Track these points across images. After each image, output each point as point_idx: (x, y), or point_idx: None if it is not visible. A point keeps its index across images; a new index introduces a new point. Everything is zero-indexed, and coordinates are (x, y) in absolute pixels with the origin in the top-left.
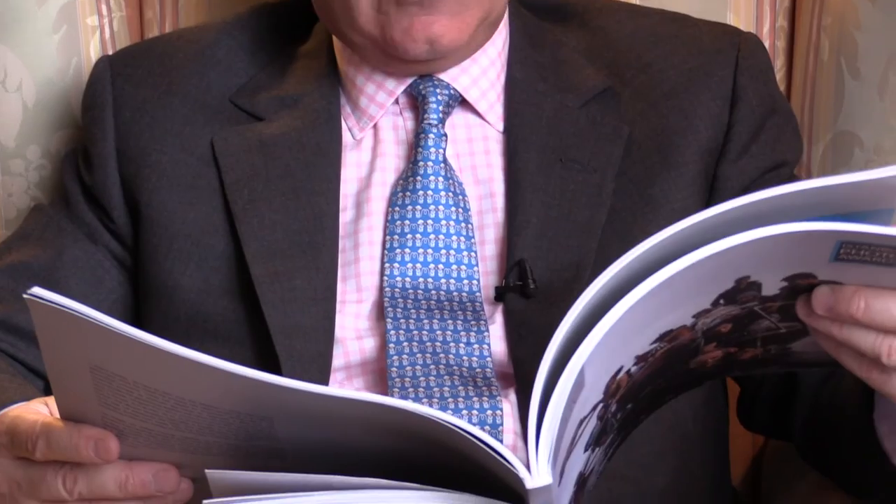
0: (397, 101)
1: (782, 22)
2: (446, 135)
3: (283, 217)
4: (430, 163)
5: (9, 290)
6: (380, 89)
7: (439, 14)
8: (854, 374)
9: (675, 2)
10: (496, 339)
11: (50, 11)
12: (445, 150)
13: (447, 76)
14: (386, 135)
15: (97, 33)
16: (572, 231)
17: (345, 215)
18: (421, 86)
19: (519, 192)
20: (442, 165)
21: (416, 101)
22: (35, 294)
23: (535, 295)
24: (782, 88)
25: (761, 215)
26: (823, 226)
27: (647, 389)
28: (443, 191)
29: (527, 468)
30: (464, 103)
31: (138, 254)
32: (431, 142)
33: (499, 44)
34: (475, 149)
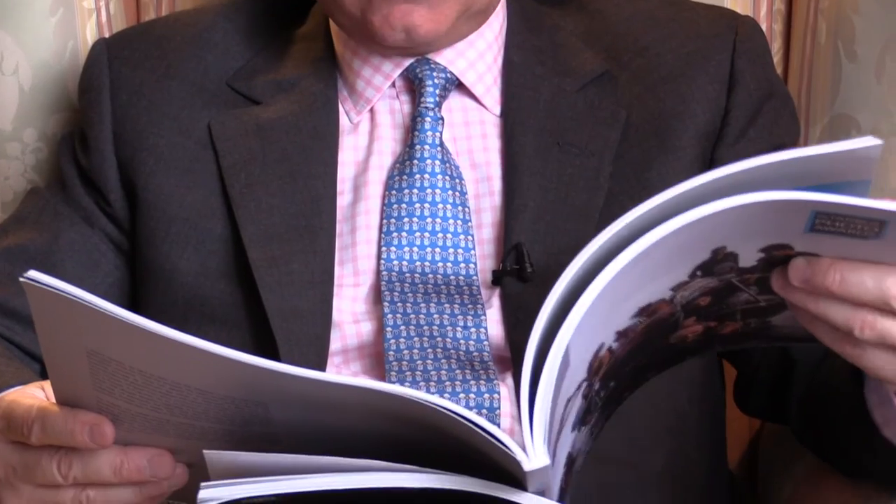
0: (394, 85)
1: (779, 5)
2: (443, 118)
3: (281, 201)
4: (427, 146)
5: (5, 274)
6: (376, 73)
7: (419, 4)
8: None
9: None
10: (493, 323)
11: None
12: (442, 134)
13: (444, 59)
14: (383, 118)
15: (94, 16)
16: (569, 215)
17: (342, 199)
18: (418, 69)
19: (516, 176)
20: (439, 149)
21: (413, 85)
22: (31, 278)
23: (532, 279)
24: (779, 71)
25: (739, 186)
26: (798, 195)
27: (630, 366)
28: (439, 174)
29: (523, 450)
30: (460, 87)
31: (135, 237)
32: (428, 125)
33: (496, 27)
34: (472, 132)
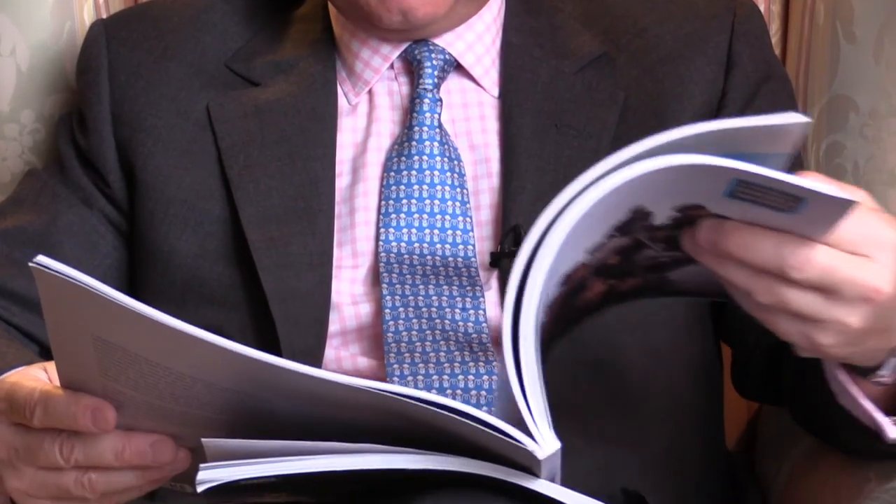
0: (392, 66)
1: None
2: (441, 100)
3: (279, 182)
4: (426, 128)
5: (3, 256)
6: (375, 54)
7: None
8: None
9: None
10: (492, 305)
11: None
12: (441, 116)
13: (442, 41)
14: (381, 100)
15: None
16: None
17: (340, 181)
18: (416, 51)
19: (514, 158)
20: (437, 130)
21: (412, 66)
22: (40, 263)
23: None
24: (777, 52)
25: (670, 152)
26: (726, 162)
27: (545, 337)
28: (438, 156)
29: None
30: (459, 68)
31: (134, 218)
32: (427, 107)
33: (494, 9)
34: (470, 114)
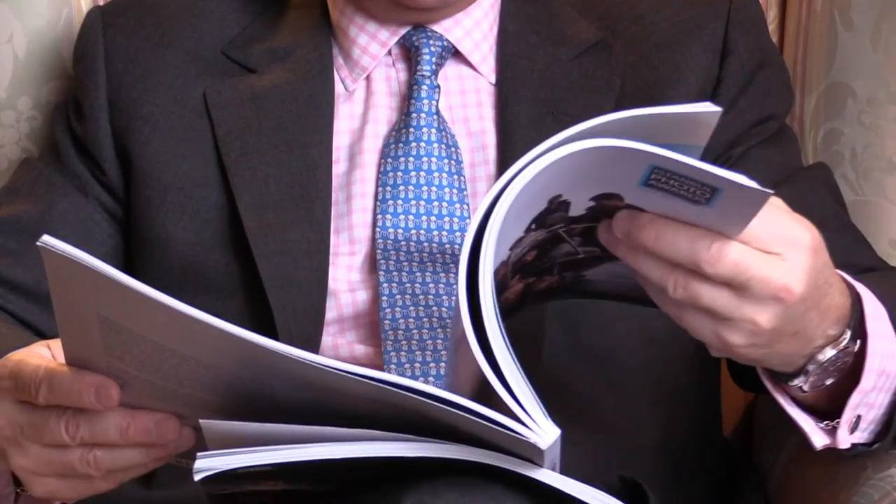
0: (390, 53)
1: None
2: (439, 86)
3: (276, 169)
4: (423, 114)
5: None
6: (372, 40)
7: None
8: None
9: None
10: None
11: None
12: (438, 102)
13: (440, 28)
14: (378, 86)
15: None
16: None
17: (337, 167)
18: (414, 37)
19: (511, 145)
20: (435, 117)
21: (409, 53)
22: (46, 242)
23: None
24: (775, 39)
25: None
26: (641, 146)
27: None
28: (435, 143)
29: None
30: (457, 55)
31: (130, 206)
32: (424, 93)
33: None
34: (468, 101)
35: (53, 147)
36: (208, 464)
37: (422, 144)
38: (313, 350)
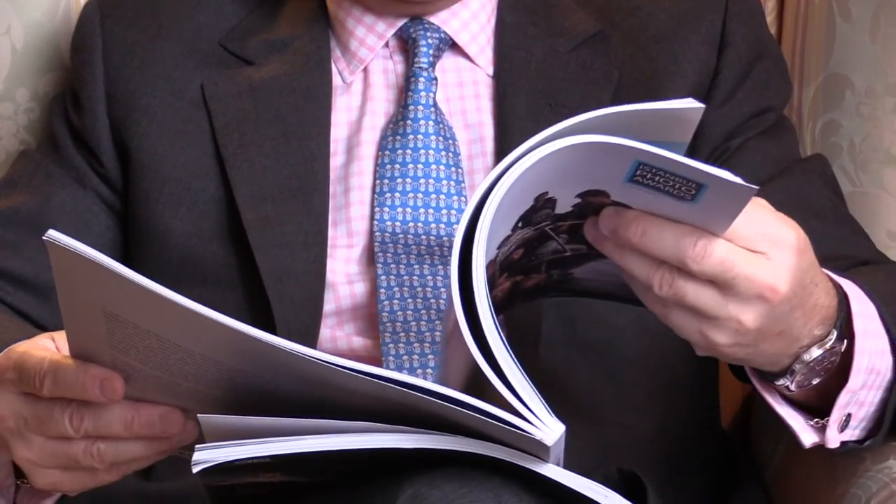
0: (387, 45)
1: None
2: (437, 78)
3: (274, 162)
4: (421, 107)
5: None
6: (370, 32)
7: None
8: None
9: None
10: None
11: None
12: (436, 95)
13: (437, 19)
14: (376, 78)
15: None
16: None
17: (335, 160)
18: (411, 29)
19: (508, 137)
20: (432, 109)
21: (407, 45)
22: (52, 237)
23: None
24: (773, 31)
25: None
26: (627, 142)
27: None
28: (433, 135)
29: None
30: (454, 47)
31: (128, 198)
32: (422, 85)
33: None
34: (465, 93)
35: (51, 139)
36: (207, 456)
37: (419, 137)
38: (311, 342)
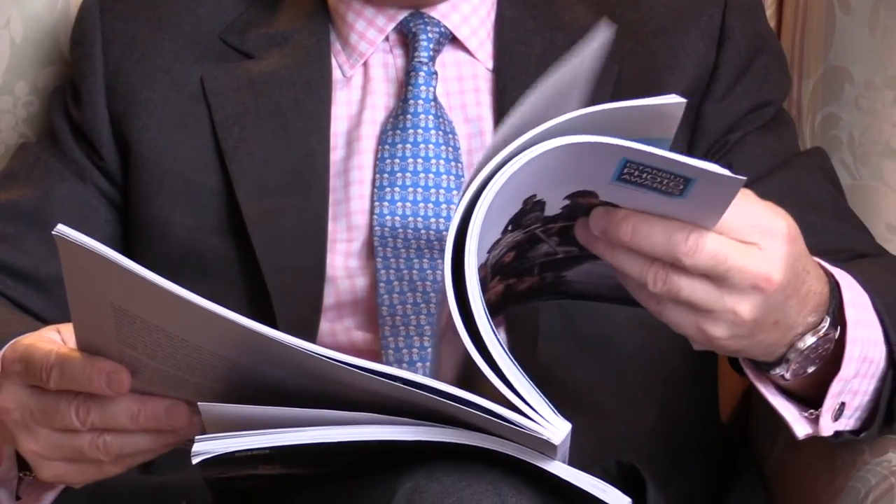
0: (387, 39)
1: None
2: (436, 73)
3: (274, 155)
4: (421, 101)
5: None
6: (370, 26)
7: None
8: None
9: None
10: None
11: None
12: (436, 89)
13: (438, 14)
14: (376, 72)
15: None
16: None
17: (335, 154)
18: (411, 23)
19: None
20: (432, 104)
21: (407, 39)
22: (62, 232)
23: None
24: (773, 23)
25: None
26: (612, 140)
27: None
28: (433, 129)
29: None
30: (454, 41)
31: (128, 191)
32: (422, 80)
33: None
34: (465, 87)
35: (51, 132)
36: (206, 447)
37: (419, 131)
38: (311, 336)
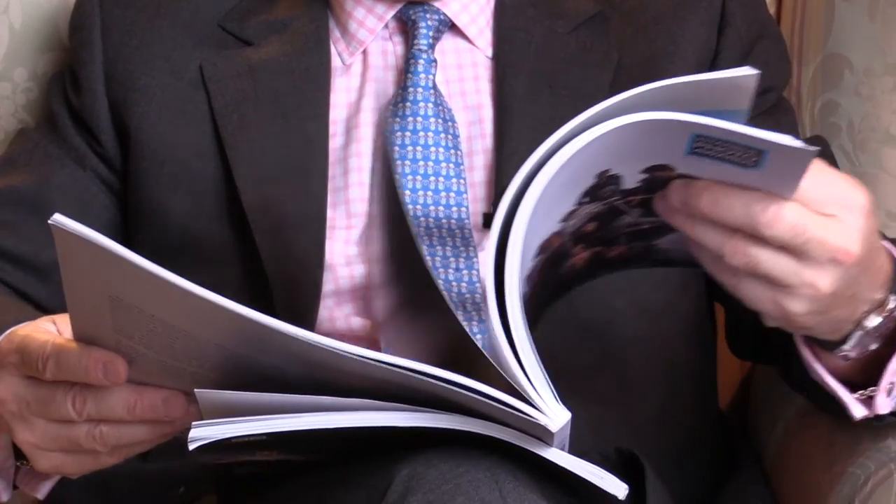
0: (387, 26)
1: None
2: (436, 60)
3: (273, 142)
4: (420, 89)
5: None
6: (369, 14)
7: None
8: None
9: None
10: (485, 266)
11: None
12: (435, 76)
13: (437, 1)
14: (375, 60)
15: None
16: None
17: (334, 141)
18: (411, 11)
19: (507, 119)
20: (432, 91)
21: (406, 27)
22: (57, 221)
23: None
24: (773, 11)
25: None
26: (677, 116)
27: (532, 307)
28: (432, 117)
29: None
30: (454, 29)
31: (127, 178)
32: (421, 67)
33: None
34: (465, 75)
35: (50, 118)
36: (203, 433)
37: (419, 119)
38: (310, 323)
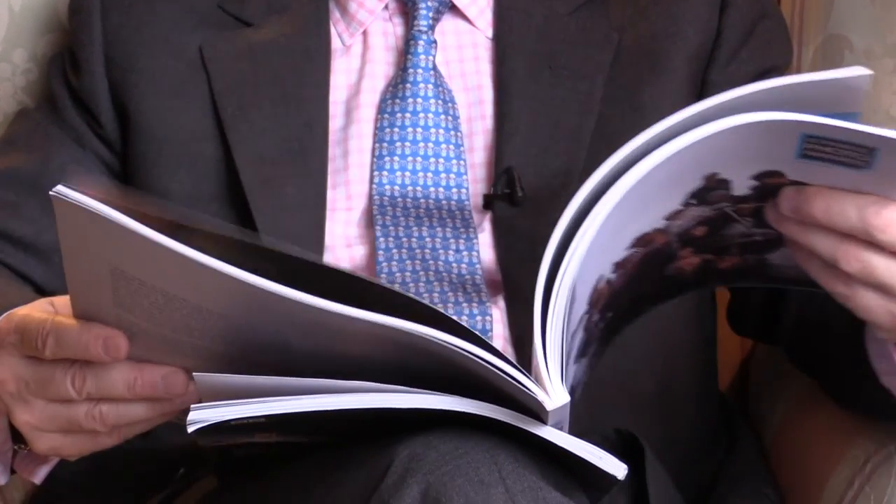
0: (387, 7)
1: None
2: (436, 41)
3: (273, 124)
4: (420, 70)
5: None
6: None
7: None
8: None
9: None
10: (485, 247)
11: None
12: (435, 57)
13: None
14: (375, 41)
15: None
16: (561, 138)
17: (334, 122)
18: None
19: (507, 100)
20: (432, 73)
21: (406, 8)
22: (60, 192)
23: (523, 203)
24: None
25: (729, 113)
26: (786, 115)
27: (627, 298)
28: (432, 98)
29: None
30: (454, 9)
31: (127, 160)
32: (421, 49)
33: None
34: (465, 55)
35: (50, 99)
36: (202, 415)
37: (418, 100)
38: None
